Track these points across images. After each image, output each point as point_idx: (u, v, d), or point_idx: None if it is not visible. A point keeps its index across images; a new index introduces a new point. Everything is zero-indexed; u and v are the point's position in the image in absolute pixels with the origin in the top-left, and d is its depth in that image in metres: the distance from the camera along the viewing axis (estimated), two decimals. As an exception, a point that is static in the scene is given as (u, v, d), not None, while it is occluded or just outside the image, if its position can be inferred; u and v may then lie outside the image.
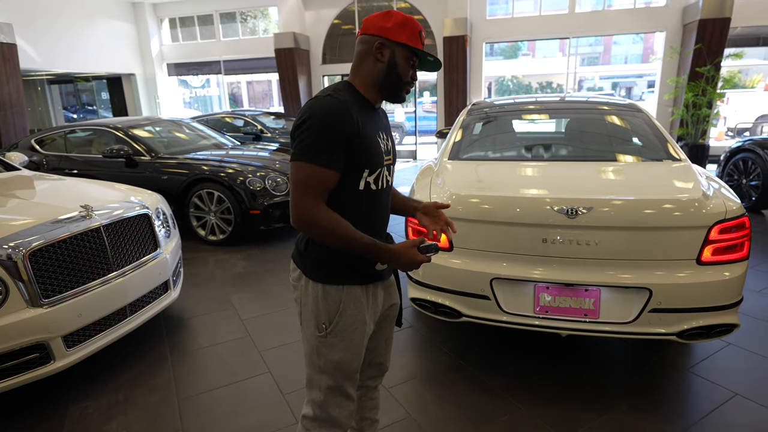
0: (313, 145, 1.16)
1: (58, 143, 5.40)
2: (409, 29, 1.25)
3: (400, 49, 1.26)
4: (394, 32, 1.24)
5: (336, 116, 1.17)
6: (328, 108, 1.18)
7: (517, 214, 2.14)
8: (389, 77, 1.27)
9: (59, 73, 11.26)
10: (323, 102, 1.19)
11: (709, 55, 8.17)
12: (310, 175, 1.17)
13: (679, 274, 2.03)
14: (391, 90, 1.30)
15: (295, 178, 1.19)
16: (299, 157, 1.18)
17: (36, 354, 2.15)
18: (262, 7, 11.85)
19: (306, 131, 1.17)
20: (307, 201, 1.18)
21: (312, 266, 1.29)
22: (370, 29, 1.26)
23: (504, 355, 2.58)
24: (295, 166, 1.18)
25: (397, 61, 1.27)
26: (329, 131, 1.17)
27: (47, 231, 2.24)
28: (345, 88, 1.26)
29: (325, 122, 1.16)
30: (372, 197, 1.31)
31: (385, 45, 1.25)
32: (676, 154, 2.63)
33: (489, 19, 10.00)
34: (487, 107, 3.40)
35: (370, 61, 1.26)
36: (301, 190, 1.18)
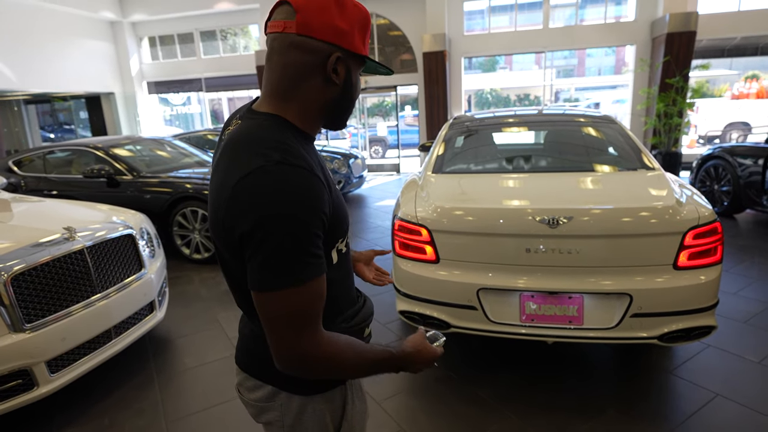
0: (291, 259, 0.74)
1: (36, 164, 5.32)
2: (362, 29, 0.85)
3: (355, 62, 0.86)
4: (353, 37, 0.83)
5: (311, 199, 0.75)
6: (293, 190, 0.74)
7: (500, 225, 2.20)
8: (344, 104, 0.88)
9: (36, 93, 11.09)
10: (281, 178, 0.73)
11: (677, 67, 8.49)
12: (300, 303, 0.76)
13: (657, 279, 2.10)
14: (344, 118, 0.91)
15: (274, 313, 0.76)
16: (271, 286, 0.74)
17: (19, 380, 2.10)
18: (243, 25, 11.92)
19: (268, 240, 0.73)
20: (304, 337, 0.78)
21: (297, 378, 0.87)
22: (316, 29, 0.79)
23: (492, 364, 2.61)
24: (269, 297, 0.75)
25: (353, 81, 0.88)
26: (308, 227, 0.75)
27: (29, 254, 2.21)
28: (286, 133, 0.81)
29: (297, 217, 0.73)
30: (344, 262, 0.96)
31: (343, 59, 0.83)
32: (650, 163, 2.73)
33: (467, 35, 10.24)
34: (468, 121, 3.48)
35: (317, 81, 0.83)
36: (293, 327, 0.77)
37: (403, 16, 10.29)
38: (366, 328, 1.04)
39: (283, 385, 0.93)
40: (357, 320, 1.00)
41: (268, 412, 0.96)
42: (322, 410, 0.94)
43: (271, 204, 0.72)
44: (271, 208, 0.72)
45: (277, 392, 0.93)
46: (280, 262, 0.73)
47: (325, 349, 0.80)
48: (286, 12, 0.80)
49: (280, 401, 0.93)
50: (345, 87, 0.86)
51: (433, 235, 2.32)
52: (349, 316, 0.98)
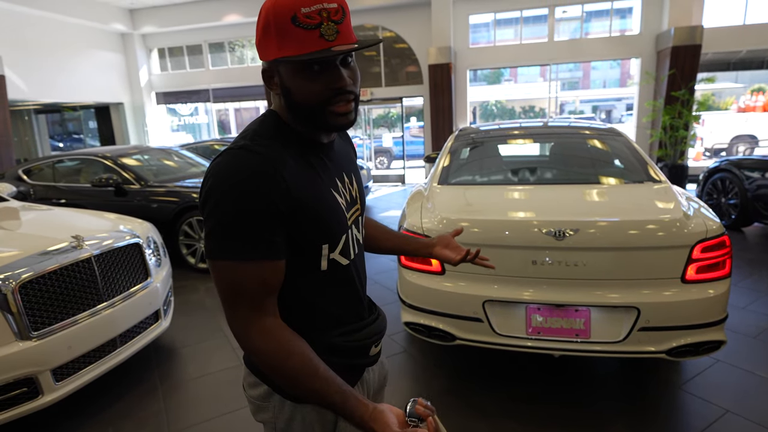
0: (233, 232, 0.78)
1: (45, 173, 5.38)
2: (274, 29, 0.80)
3: (282, 66, 0.84)
4: (264, 48, 0.84)
5: (257, 178, 0.78)
6: (242, 167, 0.79)
7: (506, 236, 2.20)
8: (295, 106, 0.87)
9: (47, 103, 11.25)
10: (232, 160, 0.80)
11: (683, 80, 8.51)
12: (237, 278, 0.80)
13: (665, 292, 2.09)
14: (310, 121, 0.88)
15: (217, 282, 0.82)
16: (214, 253, 0.80)
17: (24, 388, 2.10)
18: (250, 37, 12.08)
19: (214, 212, 0.79)
20: (239, 314, 0.82)
21: None
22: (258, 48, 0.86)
23: (498, 377, 2.59)
24: (213, 266, 0.81)
25: (288, 85, 0.85)
26: (252, 202, 0.78)
27: (37, 262, 2.23)
28: (270, 127, 0.88)
29: (241, 190, 0.78)
30: (343, 275, 0.95)
31: (269, 70, 0.87)
32: (657, 175, 2.72)
33: (472, 47, 10.32)
34: (474, 133, 3.50)
35: (273, 96, 0.91)
36: (229, 300, 0.82)
37: (408, 29, 10.40)
38: (373, 346, 1.02)
39: (276, 387, 0.93)
40: (359, 336, 0.98)
41: (264, 412, 0.96)
42: (311, 422, 0.93)
43: (219, 180, 0.79)
44: (218, 183, 0.79)
45: (272, 393, 0.94)
46: (221, 233, 0.79)
47: (262, 340, 0.81)
48: None
49: (274, 403, 0.94)
50: (285, 93, 0.87)
51: (438, 247, 2.32)
52: (348, 331, 0.96)
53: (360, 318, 1.01)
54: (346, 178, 0.99)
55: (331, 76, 0.83)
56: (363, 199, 1.06)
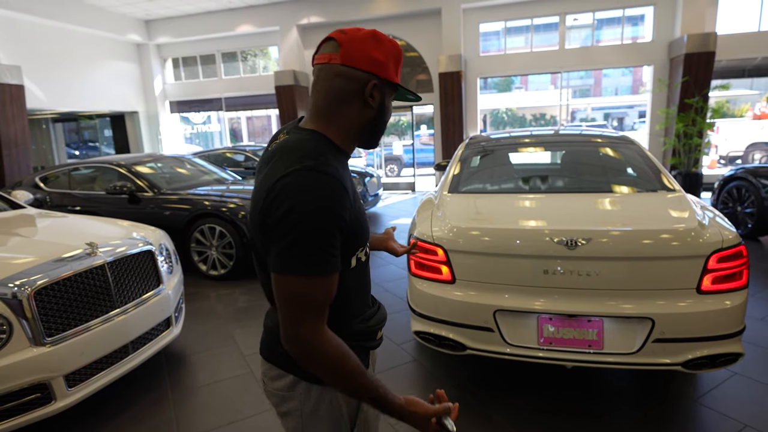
0: (308, 250, 0.85)
1: (61, 180, 5.48)
2: (395, 60, 0.98)
3: (390, 89, 0.99)
4: (388, 68, 0.96)
5: (332, 199, 0.86)
6: (318, 189, 0.85)
7: (517, 245, 2.18)
8: (378, 125, 1.00)
9: (64, 112, 11.49)
10: (307, 182, 0.85)
11: (696, 87, 8.42)
12: (306, 291, 0.87)
13: (680, 303, 2.05)
14: (377, 138, 1.03)
15: (286, 294, 0.87)
16: (287, 268, 0.86)
17: (37, 394, 2.13)
18: (263, 47, 12.24)
19: (293, 229, 0.84)
20: (307, 324, 0.88)
21: None
22: (357, 60, 0.93)
23: (509, 387, 2.56)
24: (283, 280, 0.87)
25: (386, 105, 1.00)
26: (327, 225, 0.86)
27: (52, 269, 2.26)
28: (324, 147, 0.94)
29: (319, 211, 0.85)
30: (363, 269, 1.06)
31: (379, 86, 0.96)
32: (670, 184, 2.69)
33: (482, 55, 10.34)
34: (485, 141, 3.49)
35: (356, 105, 0.96)
36: (297, 311, 0.87)
37: (419, 38, 10.46)
38: (379, 331, 1.13)
39: (303, 374, 1.00)
40: (373, 322, 1.10)
41: (289, 402, 1.03)
42: (338, 401, 1.02)
43: (298, 200, 0.85)
44: (298, 203, 0.84)
45: (298, 381, 1.01)
46: (298, 251, 0.85)
47: (323, 346, 0.88)
48: (331, 46, 0.96)
49: (300, 390, 1.01)
50: (379, 110, 0.99)
51: (449, 255, 2.31)
52: (366, 317, 1.08)
53: (369, 306, 1.12)
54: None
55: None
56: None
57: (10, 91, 7.90)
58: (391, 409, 0.92)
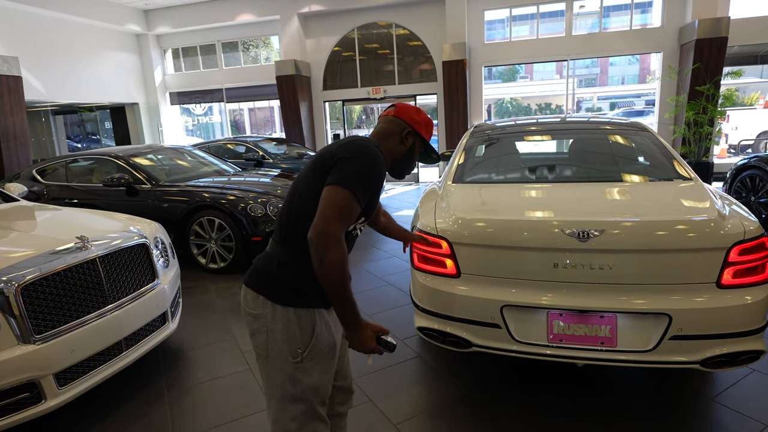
0: (361, 179, 1.24)
1: (59, 173, 5.39)
2: (430, 128, 1.53)
3: (420, 140, 1.50)
4: (421, 126, 1.49)
5: (383, 165, 1.32)
6: (380, 157, 1.31)
7: (526, 238, 2.07)
8: (406, 159, 1.50)
9: (63, 104, 11.40)
10: (375, 150, 1.31)
11: (707, 74, 8.21)
12: (348, 204, 1.22)
13: (698, 298, 1.94)
14: (402, 169, 1.52)
15: (335, 200, 1.21)
16: (344, 182, 1.22)
17: (26, 393, 2.05)
18: (264, 36, 12.07)
19: (357, 163, 1.25)
20: (337, 226, 1.20)
21: (283, 291, 1.30)
22: (403, 116, 1.48)
23: (517, 386, 2.46)
24: (337, 191, 1.22)
25: (415, 149, 1.51)
26: (377, 174, 1.29)
27: (41, 264, 2.17)
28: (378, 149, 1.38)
29: (376, 164, 1.28)
30: (349, 242, 1.38)
31: (412, 134, 1.48)
32: (686, 173, 2.56)
33: (487, 44, 10.13)
34: (490, 129, 3.36)
35: (395, 140, 1.46)
36: (336, 214, 1.20)
37: (423, 26, 10.27)
38: None
39: (270, 295, 1.30)
40: None
41: (259, 320, 1.32)
42: (293, 322, 1.29)
43: (363, 153, 1.27)
44: (369, 154, 1.28)
45: (266, 301, 1.31)
46: (357, 178, 1.24)
47: (342, 250, 1.19)
48: (392, 108, 1.53)
49: (267, 309, 1.31)
50: (410, 150, 1.50)
51: (453, 248, 2.20)
52: None
53: None
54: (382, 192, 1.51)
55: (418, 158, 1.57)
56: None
57: (8, 83, 7.81)
58: (356, 316, 1.24)
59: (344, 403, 1.60)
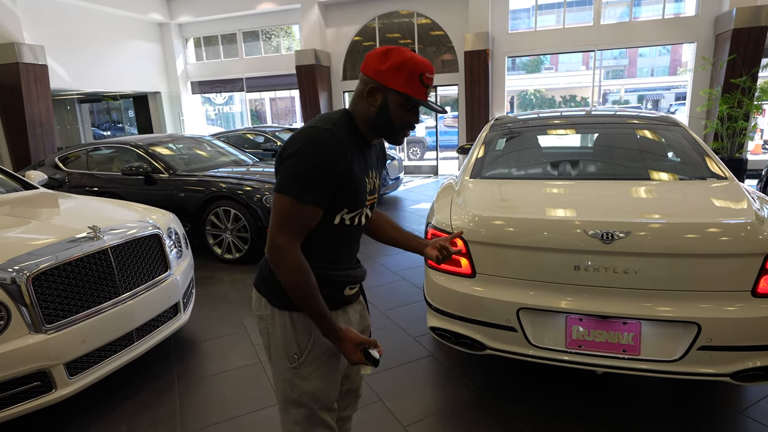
0: (300, 179, 1.10)
1: (81, 161, 5.47)
2: (406, 73, 1.13)
3: (393, 95, 1.16)
4: (388, 76, 1.14)
5: (329, 152, 1.11)
6: (322, 142, 1.12)
7: (546, 238, 1.96)
8: (380, 122, 1.20)
9: (88, 92, 11.60)
10: (319, 135, 1.12)
11: (744, 66, 7.82)
12: (291, 211, 1.12)
13: (731, 307, 1.81)
14: (383, 134, 1.24)
15: (276, 208, 1.14)
16: (282, 189, 1.12)
17: (37, 382, 2.06)
18: (285, 25, 12.02)
19: (294, 162, 1.11)
20: (283, 236, 1.13)
21: (279, 293, 1.22)
22: (366, 69, 1.18)
23: (532, 390, 2.37)
24: (278, 198, 1.12)
25: (389, 107, 1.17)
26: (320, 166, 1.11)
27: (53, 253, 2.17)
28: (346, 122, 1.20)
29: (316, 156, 1.10)
30: (344, 233, 1.26)
31: (377, 89, 1.16)
32: (721, 171, 2.41)
33: (511, 33, 9.87)
34: (511, 122, 3.24)
35: (363, 102, 1.19)
36: (279, 223, 1.13)
37: (444, 15, 10.05)
38: (348, 287, 1.31)
39: (269, 298, 1.26)
40: (338, 274, 1.27)
41: (262, 321, 1.29)
42: (289, 326, 1.24)
43: (308, 146, 1.11)
44: (307, 147, 1.11)
45: (267, 304, 1.27)
46: (291, 178, 1.11)
47: (292, 261, 1.12)
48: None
49: (267, 312, 1.27)
50: (380, 110, 1.18)
51: (469, 247, 2.12)
52: (332, 268, 1.25)
53: (344, 265, 1.30)
54: (374, 173, 1.32)
55: (414, 116, 1.22)
56: (379, 192, 1.39)
57: (33, 71, 7.95)
58: (329, 328, 1.16)
59: (348, 406, 1.52)
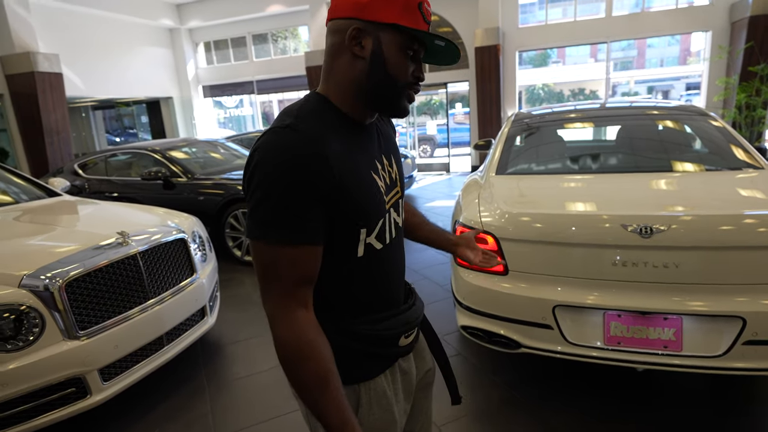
0: (271, 213, 0.75)
1: (99, 167, 5.52)
2: (409, 3, 0.80)
3: (388, 33, 0.81)
4: (376, 7, 0.79)
5: (300, 158, 0.75)
6: (286, 146, 0.75)
7: (582, 233, 1.93)
8: (376, 80, 0.83)
9: (102, 99, 11.72)
10: (277, 139, 0.76)
11: (762, 54, 7.66)
12: (272, 261, 0.77)
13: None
14: (383, 99, 0.85)
15: (255, 261, 0.80)
16: (252, 233, 0.78)
17: (72, 388, 2.07)
18: (293, 27, 12.05)
19: (255, 192, 0.76)
20: (272, 299, 0.79)
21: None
22: (340, 10, 0.82)
23: (566, 388, 2.33)
24: (252, 246, 0.79)
25: (385, 54, 0.81)
26: (293, 184, 0.74)
27: (84, 259, 2.18)
28: (314, 107, 0.84)
29: (283, 170, 0.74)
30: (378, 261, 0.91)
31: (365, 30, 0.80)
32: (757, 161, 2.35)
33: (521, 27, 9.77)
34: (533, 117, 3.19)
35: (344, 58, 0.83)
36: (263, 281, 0.79)
37: (454, 11, 9.99)
38: (403, 336, 0.97)
39: None
40: (387, 325, 0.94)
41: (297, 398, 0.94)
42: None
43: (262, 161, 0.76)
44: (261, 164, 0.76)
45: None
46: (259, 215, 0.76)
47: (282, 327, 0.78)
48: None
49: None
50: (373, 60, 0.82)
51: (500, 244, 2.08)
52: (377, 319, 0.93)
53: (390, 306, 0.96)
54: (386, 160, 0.95)
55: (419, 65, 0.87)
56: (403, 182, 1.02)
57: (49, 80, 8.04)
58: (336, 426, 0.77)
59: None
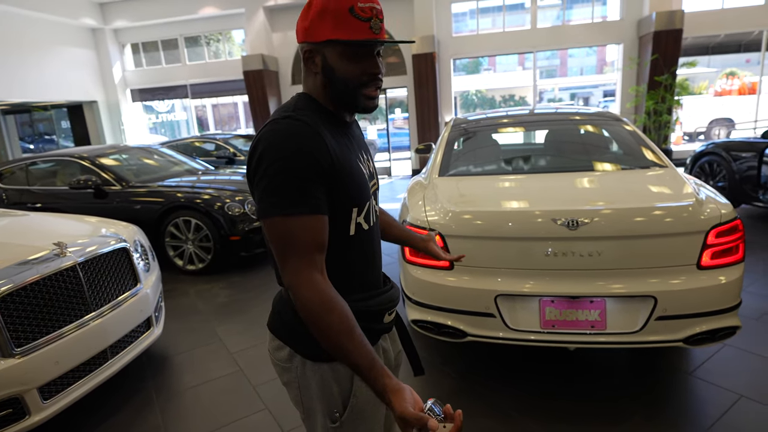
0: (280, 189, 0.87)
1: (18, 176, 5.10)
2: (332, 15, 0.91)
3: (329, 48, 0.95)
4: (314, 30, 0.94)
5: (302, 140, 0.88)
6: (288, 132, 0.89)
7: (518, 228, 2.12)
8: (335, 88, 0.98)
9: (15, 103, 10.75)
10: (281, 127, 0.90)
11: (665, 65, 8.57)
12: (290, 232, 0.87)
13: (681, 280, 2.04)
14: (344, 101, 1.00)
15: (272, 239, 0.90)
16: (266, 211, 0.88)
17: (9, 410, 1.95)
18: (226, 30, 11.75)
19: (266, 172, 0.87)
20: (291, 267, 0.88)
21: (308, 343, 0.97)
22: (299, 36, 0.98)
23: (509, 373, 2.52)
24: (266, 224, 0.89)
25: (332, 65, 0.95)
26: (298, 162, 0.87)
27: (16, 273, 2.06)
28: (306, 104, 0.99)
29: (289, 151, 0.87)
30: (365, 240, 1.04)
31: (314, 50, 0.96)
32: (661, 160, 2.68)
33: (455, 36, 10.22)
34: (469, 122, 3.41)
35: (309, 74, 1.00)
36: (282, 254, 0.89)
37: (391, 19, 10.24)
38: (387, 313, 1.10)
39: (297, 348, 1.03)
40: (376, 302, 1.06)
41: (288, 373, 1.06)
42: (328, 379, 1.01)
43: (269, 145, 0.89)
44: (268, 147, 0.88)
45: (294, 354, 1.03)
46: (273, 192, 0.88)
47: (305, 289, 0.87)
48: None
49: (296, 363, 1.03)
50: (325, 72, 0.97)
51: (446, 240, 2.23)
52: (367, 297, 1.05)
53: (376, 285, 1.10)
54: (364, 155, 1.09)
55: (369, 63, 0.97)
56: (377, 176, 1.16)
57: (-47, 81, 7.29)
58: (372, 387, 0.86)
59: None
